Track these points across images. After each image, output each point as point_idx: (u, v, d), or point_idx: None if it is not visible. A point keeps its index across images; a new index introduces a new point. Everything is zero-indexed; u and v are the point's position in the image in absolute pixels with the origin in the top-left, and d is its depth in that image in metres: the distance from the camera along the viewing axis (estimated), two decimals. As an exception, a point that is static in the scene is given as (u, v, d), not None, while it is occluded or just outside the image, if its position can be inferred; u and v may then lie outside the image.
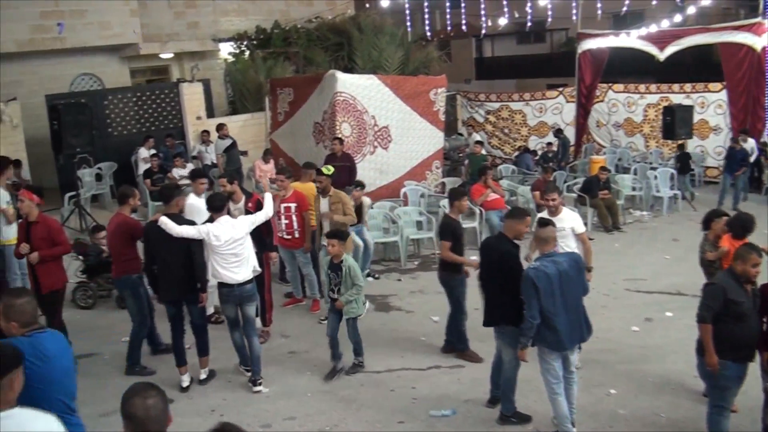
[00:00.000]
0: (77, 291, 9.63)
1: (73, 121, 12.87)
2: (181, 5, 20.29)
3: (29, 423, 3.30)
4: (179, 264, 7.06)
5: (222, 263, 7.09)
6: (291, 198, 8.92)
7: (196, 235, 7.00)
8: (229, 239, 7.04)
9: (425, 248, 11.89)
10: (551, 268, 5.63)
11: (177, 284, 7.13)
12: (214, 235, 7.02)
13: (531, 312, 5.63)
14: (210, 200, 7.24)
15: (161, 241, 7.01)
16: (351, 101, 13.94)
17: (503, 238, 6.31)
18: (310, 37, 20.23)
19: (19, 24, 16.25)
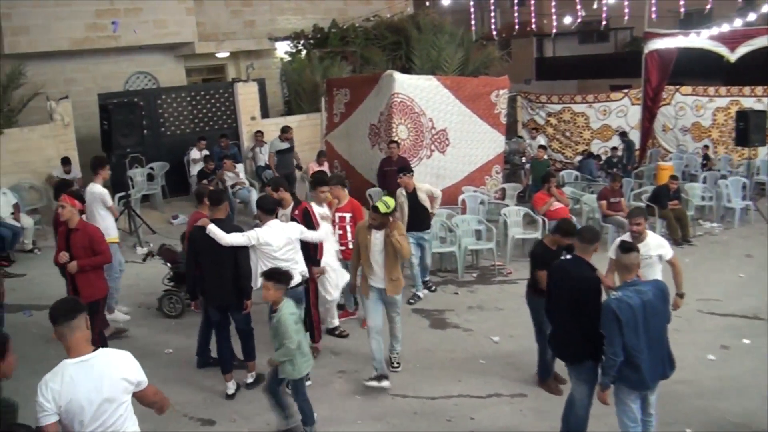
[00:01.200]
0: (164, 299, 9.27)
1: (123, 120, 12.67)
2: (238, 4, 20.05)
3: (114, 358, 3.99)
4: (226, 270, 6.86)
5: (271, 264, 6.79)
6: (346, 207, 8.47)
7: (246, 242, 6.83)
8: (281, 243, 6.87)
9: (484, 259, 11.28)
10: (635, 298, 5.02)
11: (223, 290, 6.94)
12: (264, 240, 6.83)
13: (613, 348, 5.02)
14: (261, 202, 7.13)
15: (207, 246, 6.81)
16: (408, 103, 13.47)
17: (580, 262, 5.63)
18: (367, 36, 19.77)
19: (74, 22, 16.18)
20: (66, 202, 7.01)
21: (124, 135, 12.66)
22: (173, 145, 15.58)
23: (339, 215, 8.46)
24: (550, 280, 5.89)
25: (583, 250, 5.63)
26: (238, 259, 6.86)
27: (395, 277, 7.05)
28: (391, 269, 7.01)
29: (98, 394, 3.84)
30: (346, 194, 8.52)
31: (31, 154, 14.00)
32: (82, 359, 3.89)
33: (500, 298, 9.64)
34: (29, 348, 7.74)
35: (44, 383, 3.81)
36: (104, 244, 7.10)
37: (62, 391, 3.79)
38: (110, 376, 3.91)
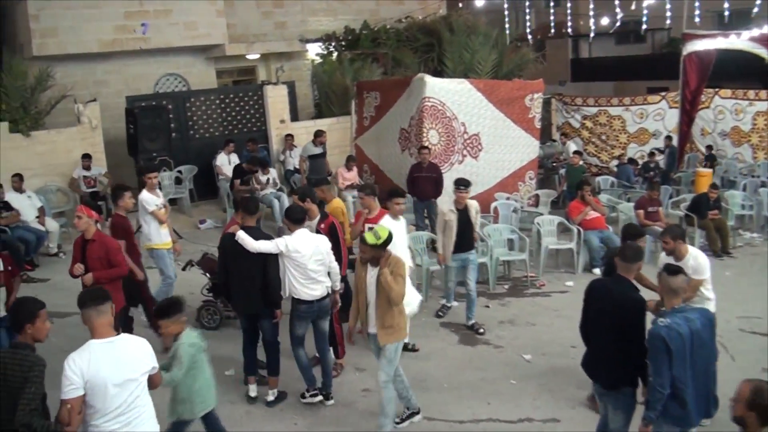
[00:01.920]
0: (202, 310, 8.98)
1: (149, 124, 12.55)
2: (269, 5, 19.82)
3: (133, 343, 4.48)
4: (254, 278, 6.72)
5: (300, 279, 6.72)
6: (378, 218, 8.11)
7: (274, 249, 6.66)
8: (309, 252, 6.67)
9: (516, 269, 10.88)
10: (684, 327, 4.65)
11: (251, 298, 6.80)
12: (293, 248, 6.63)
13: (661, 380, 4.62)
14: (289, 212, 6.93)
15: (237, 253, 6.69)
16: (440, 107, 13.15)
17: (622, 281, 5.22)
18: (399, 38, 19.45)
19: (103, 24, 16.03)
20: (82, 213, 6.82)
21: (150, 139, 12.54)
22: (202, 148, 15.41)
23: (369, 226, 8.12)
24: (588, 298, 5.52)
25: (626, 270, 5.25)
26: (267, 267, 6.72)
27: (388, 323, 6.08)
28: (384, 314, 6.07)
29: (120, 373, 4.25)
30: (377, 204, 8.15)
31: (58, 156, 13.93)
32: (107, 340, 4.32)
33: (533, 312, 9.28)
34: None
35: (72, 359, 4.18)
36: (120, 255, 6.89)
37: (89, 367, 4.16)
38: (132, 358, 4.38)
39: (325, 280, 6.87)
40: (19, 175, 12.12)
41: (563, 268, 11.08)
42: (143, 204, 8.95)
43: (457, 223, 8.68)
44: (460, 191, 8.64)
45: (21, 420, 4.08)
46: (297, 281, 6.70)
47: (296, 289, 6.72)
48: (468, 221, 8.76)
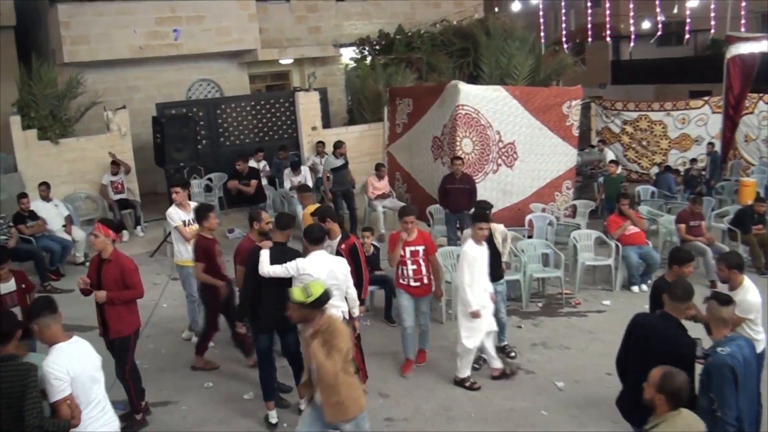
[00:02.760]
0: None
1: (176, 134, 12.35)
2: (303, 9, 19.61)
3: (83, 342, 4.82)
4: (279, 292, 6.26)
5: None
6: (417, 240, 7.69)
7: (284, 273, 6.39)
8: (323, 276, 6.25)
9: (551, 285, 10.41)
10: (739, 354, 4.41)
11: (278, 311, 6.25)
12: (304, 271, 6.30)
13: (733, 413, 4.37)
14: (307, 232, 6.61)
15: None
16: (474, 115, 12.77)
17: (671, 321, 4.90)
18: (434, 42, 19.09)
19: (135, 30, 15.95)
20: (99, 232, 6.56)
21: (177, 149, 12.34)
22: (232, 155, 15.05)
23: (411, 249, 7.66)
24: (631, 334, 5.15)
25: (674, 309, 4.89)
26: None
27: (334, 400, 5.10)
28: (325, 388, 5.10)
29: (91, 367, 4.74)
30: (415, 227, 7.71)
31: (87, 164, 13.87)
32: (72, 341, 4.73)
33: (567, 335, 8.83)
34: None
35: (52, 363, 4.48)
36: (136, 277, 6.60)
37: (71, 365, 4.53)
38: (91, 354, 4.84)
39: (341, 305, 6.52)
40: (46, 183, 12.03)
41: (600, 285, 10.61)
42: (168, 218, 8.81)
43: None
44: (481, 228, 7.38)
45: (32, 423, 4.30)
46: None
47: None
48: (494, 250, 7.78)
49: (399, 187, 14.90)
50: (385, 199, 13.40)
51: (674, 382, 4.09)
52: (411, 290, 7.72)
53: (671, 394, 4.08)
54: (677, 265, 6.04)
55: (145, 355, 8.38)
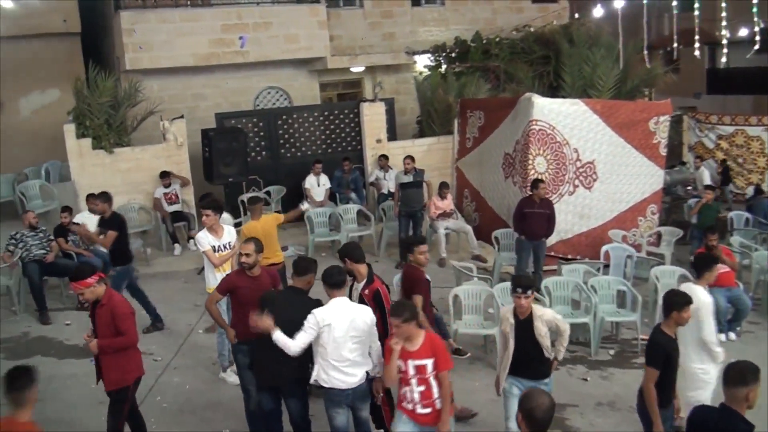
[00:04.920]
0: None
1: (225, 148, 11.76)
2: (377, 15, 18.80)
3: None
4: (275, 347, 5.54)
5: (332, 360, 5.48)
6: (424, 350, 5.35)
7: (310, 338, 5.49)
8: (346, 328, 5.47)
9: (627, 328, 9.17)
10: None
11: (278, 368, 5.69)
12: (323, 322, 5.42)
13: None
14: (326, 274, 5.67)
15: (281, 318, 5.55)
16: (549, 131, 11.75)
17: (731, 416, 3.98)
18: (513, 50, 17.97)
19: (199, 38, 15.47)
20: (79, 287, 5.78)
21: (226, 163, 11.72)
22: (293, 168, 14.53)
23: (415, 364, 5.33)
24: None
25: (733, 398, 3.91)
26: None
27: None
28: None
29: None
30: (420, 331, 5.42)
31: (142, 174, 13.43)
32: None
33: (641, 392, 7.65)
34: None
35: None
36: (129, 322, 5.81)
37: None
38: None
39: (363, 363, 5.64)
40: (93, 195, 11.52)
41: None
42: (197, 243, 8.13)
43: (516, 335, 5.92)
44: (518, 296, 5.81)
45: None
46: (328, 364, 5.47)
47: (327, 376, 5.50)
48: (531, 336, 5.86)
49: (467, 205, 13.95)
50: (448, 220, 12.40)
51: (531, 402, 3.77)
52: (418, 418, 5.48)
53: (526, 413, 3.74)
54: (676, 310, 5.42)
55: (166, 392, 7.72)
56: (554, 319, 5.98)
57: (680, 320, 5.40)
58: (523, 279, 5.99)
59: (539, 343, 5.84)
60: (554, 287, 8.96)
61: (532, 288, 5.88)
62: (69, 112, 13.35)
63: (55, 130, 13.66)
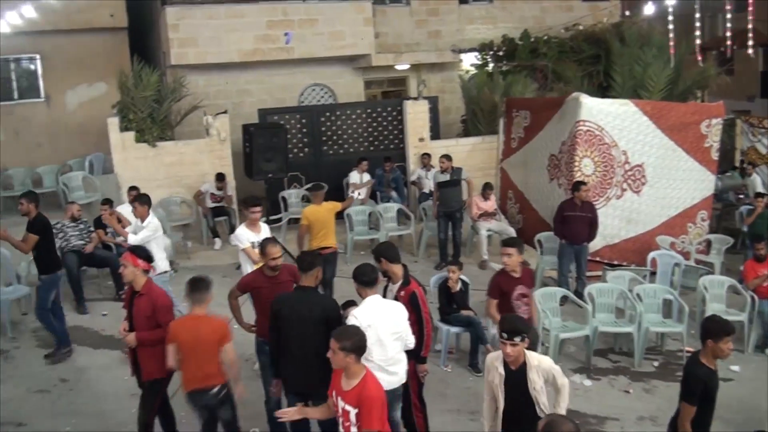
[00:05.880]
0: None
1: (266, 144, 11.67)
2: (424, 13, 18.59)
3: None
4: (312, 347, 5.43)
5: (378, 361, 5.34)
6: (352, 395, 4.58)
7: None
8: (389, 325, 5.38)
9: (672, 339, 8.82)
10: None
11: (307, 373, 5.54)
12: (365, 323, 5.25)
13: None
14: (357, 272, 5.59)
15: (299, 318, 5.50)
16: (597, 132, 11.44)
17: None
18: (562, 48, 17.62)
19: (245, 34, 15.51)
20: (127, 261, 5.82)
21: (266, 160, 11.65)
22: (335, 165, 14.42)
23: (342, 406, 4.62)
24: None
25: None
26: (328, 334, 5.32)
27: None
28: None
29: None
30: (360, 369, 4.62)
31: (185, 168, 13.56)
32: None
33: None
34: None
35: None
36: (169, 315, 5.82)
37: None
38: None
39: (404, 359, 5.54)
40: (135, 188, 11.58)
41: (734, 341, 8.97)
42: (235, 240, 8.05)
43: (505, 387, 5.00)
44: (503, 342, 4.88)
45: None
46: (373, 365, 5.25)
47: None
48: (525, 394, 4.94)
49: (511, 207, 13.70)
50: (490, 221, 12.16)
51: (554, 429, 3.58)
52: None
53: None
54: (712, 339, 4.92)
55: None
56: (551, 370, 4.99)
57: (717, 351, 4.91)
58: (510, 321, 4.97)
59: (533, 399, 4.93)
60: (598, 294, 8.68)
61: (522, 333, 4.88)
62: (113, 105, 13.46)
63: (100, 124, 13.81)
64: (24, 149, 15.98)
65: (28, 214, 8.21)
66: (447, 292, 8.27)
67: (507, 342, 4.79)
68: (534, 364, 4.92)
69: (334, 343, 4.50)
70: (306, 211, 9.44)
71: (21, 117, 16.45)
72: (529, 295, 6.85)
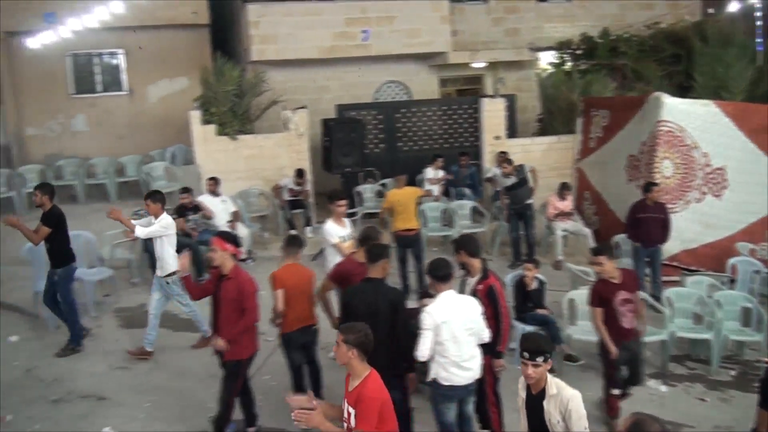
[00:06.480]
0: None
1: (344, 139, 11.90)
2: (501, 11, 18.52)
3: None
4: (384, 336, 5.51)
5: (453, 357, 5.39)
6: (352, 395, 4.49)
7: (433, 339, 5.42)
8: (463, 321, 5.41)
9: (751, 349, 8.56)
10: None
11: (377, 364, 5.42)
12: (440, 319, 5.36)
13: None
14: (432, 267, 5.61)
15: (363, 310, 5.54)
16: (677, 133, 11.25)
17: None
18: (641, 47, 17.30)
19: (323, 31, 15.77)
20: (216, 245, 6.02)
21: (344, 154, 11.87)
22: (409, 161, 14.48)
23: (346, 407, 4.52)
24: None
25: None
26: (397, 323, 5.63)
27: None
28: None
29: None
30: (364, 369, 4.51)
31: (264, 161, 13.84)
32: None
33: (762, 418, 7.15)
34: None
35: None
36: (254, 301, 6.02)
37: None
38: None
39: (479, 354, 5.58)
40: (214, 178, 11.89)
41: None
42: (325, 235, 8.17)
43: (527, 413, 4.67)
44: (526, 363, 4.45)
45: None
46: (448, 361, 5.39)
47: (447, 373, 5.43)
48: (542, 424, 4.52)
49: (587, 208, 13.52)
50: (566, 221, 12.06)
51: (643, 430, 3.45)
52: None
53: None
54: None
55: (275, 371, 7.73)
56: (570, 407, 4.38)
57: None
58: (533, 340, 4.57)
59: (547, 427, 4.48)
60: (677, 298, 8.53)
61: (546, 354, 4.45)
62: (195, 99, 13.85)
63: (181, 117, 14.28)
64: (107, 140, 16.65)
65: (42, 206, 8.07)
66: (523, 290, 8.27)
67: (528, 362, 4.40)
68: (552, 393, 4.47)
69: (339, 335, 4.45)
70: (389, 193, 10.25)
71: (104, 109, 17.11)
72: (635, 300, 6.64)
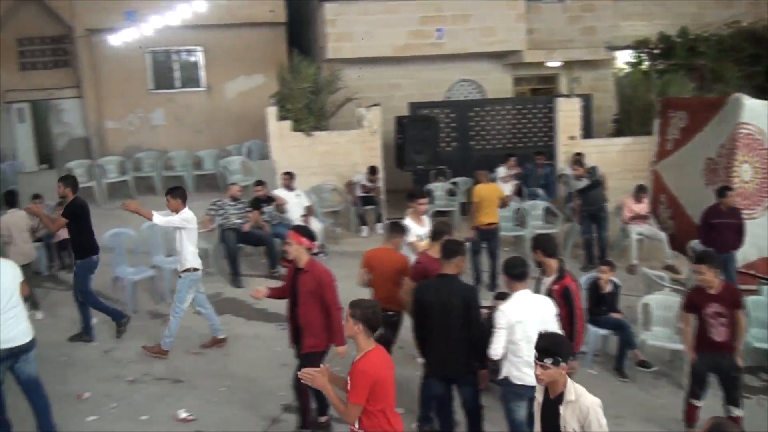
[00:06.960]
0: None
1: (417, 136, 12.04)
2: (578, 9, 18.29)
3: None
4: (455, 331, 5.70)
5: (527, 358, 5.35)
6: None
7: (506, 337, 5.49)
8: (538, 321, 5.35)
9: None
10: None
11: (451, 356, 5.79)
12: (515, 318, 5.42)
13: None
14: (507, 265, 5.66)
15: (437, 305, 5.73)
16: (758, 136, 10.95)
17: None
18: (721, 47, 16.87)
19: (398, 29, 15.94)
20: (291, 239, 6.15)
21: (417, 151, 11.97)
22: (482, 160, 14.44)
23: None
24: None
25: None
26: (470, 319, 5.70)
27: None
28: None
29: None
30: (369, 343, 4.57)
31: (338, 157, 14.09)
32: None
33: None
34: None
35: None
36: (333, 292, 6.11)
37: None
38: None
39: None
40: (288, 173, 12.17)
41: None
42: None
43: (542, 418, 4.49)
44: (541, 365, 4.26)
45: None
46: (521, 360, 5.41)
47: (520, 372, 5.45)
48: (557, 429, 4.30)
49: (663, 212, 13.24)
50: (642, 224, 11.88)
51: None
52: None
53: None
54: None
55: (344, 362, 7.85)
56: (590, 413, 4.16)
57: None
58: (545, 339, 4.36)
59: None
60: (753, 307, 8.32)
61: (557, 356, 4.20)
62: (272, 95, 14.17)
63: (257, 113, 14.64)
64: (184, 134, 17.23)
65: (65, 197, 8.24)
66: (597, 293, 8.20)
67: (537, 362, 4.26)
68: (570, 399, 4.24)
69: (348, 310, 4.53)
70: (477, 188, 10.44)
71: (182, 104, 17.67)
72: (728, 315, 6.34)
